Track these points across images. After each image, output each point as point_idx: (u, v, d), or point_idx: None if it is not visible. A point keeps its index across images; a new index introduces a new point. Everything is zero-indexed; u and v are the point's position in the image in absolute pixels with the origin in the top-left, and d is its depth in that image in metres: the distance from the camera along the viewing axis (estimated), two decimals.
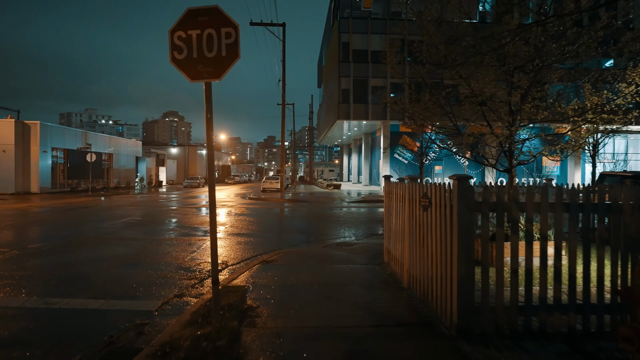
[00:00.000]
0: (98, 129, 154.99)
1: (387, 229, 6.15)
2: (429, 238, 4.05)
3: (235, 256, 7.54)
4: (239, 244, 8.88)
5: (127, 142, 41.65)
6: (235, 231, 10.68)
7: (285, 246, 8.65)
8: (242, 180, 71.88)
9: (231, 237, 9.68)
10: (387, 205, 6.10)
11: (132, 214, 15.09)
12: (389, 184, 5.96)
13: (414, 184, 4.59)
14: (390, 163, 33.47)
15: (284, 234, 10.54)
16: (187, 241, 9.11)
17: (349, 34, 32.84)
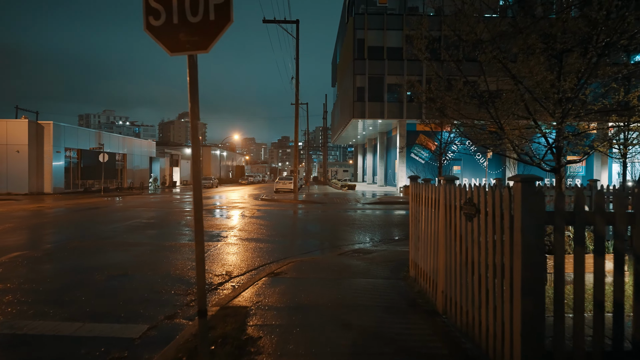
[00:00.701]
0: (115, 130, 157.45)
1: (413, 237, 5.28)
2: (475, 255, 3.19)
3: (241, 265, 6.77)
4: (247, 250, 8.11)
5: (140, 143, 41.55)
6: (244, 235, 9.93)
7: (297, 254, 7.85)
8: (256, 180, 71.56)
9: (239, 243, 8.93)
10: (414, 211, 5.24)
11: (140, 215, 14.52)
12: (417, 186, 5.10)
13: (452, 186, 3.73)
14: (406, 163, 32.43)
15: (296, 239, 9.74)
16: (191, 247, 8.39)
17: (364, 31, 31.93)
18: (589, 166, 34.51)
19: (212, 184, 46.08)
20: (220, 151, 70.05)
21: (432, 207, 4.34)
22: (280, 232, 10.74)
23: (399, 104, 32.01)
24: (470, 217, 3.19)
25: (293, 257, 7.40)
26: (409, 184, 30.54)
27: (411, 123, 33.16)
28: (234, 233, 10.30)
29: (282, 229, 11.39)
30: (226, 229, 10.97)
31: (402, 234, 10.55)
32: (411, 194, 5.36)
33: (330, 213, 16.20)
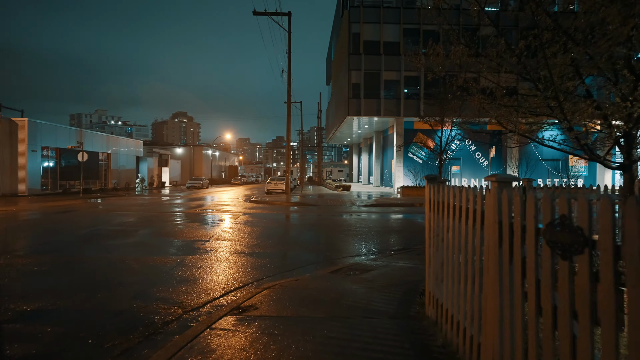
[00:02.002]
0: (107, 129, 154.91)
1: (432, 261, 3.84)
2: (584, 325, 1.73)
3: (202, 292, 5.28)
4: (219, 268, 6.62)
5: (127, 142, 39.82)
6: (221, 247, 8.43)
7: (281, 271, 6.39)
8: (249, 181, 69.97)
9: (213, 257, 7.43)
10: (433, 224, 3.80)
11: (109, 221, 12.96)
12: (438, 190, 3.65)
13: (513, 193, 2.27)
14: (404, 163, 31.06)
15: (283, 251, 8.26)
16: (153, 264, 6.89)
17: (359, 24, 30.52)
18: (592, 167, 33.35)
19: (202, 185, 44.45)
20: (212, 151, 68.33)
21: (469, 222, 2.89)
22: (265, 241, 9.25)
23: (396, 100, 30.62)
24: (567, 252, 1.73)
25: (275, 278, 5.93)
26: (406, 185, 29.24)
27: (408, 121, 31.80)
28: (211, 244, 8.79)
29: (269, 237, 9.90)
30: (203, 239, 9.46)
31: (403, 243, 9.11)
32: (429, 200, 3.92)
33: (323, 217, 14.74)
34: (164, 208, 17.86)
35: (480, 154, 32.97)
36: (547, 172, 33.01)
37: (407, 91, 31.12)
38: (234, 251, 7.98)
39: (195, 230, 10.91)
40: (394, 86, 31.00)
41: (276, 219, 14.10)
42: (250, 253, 7.82)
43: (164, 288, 5.36)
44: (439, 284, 3.59)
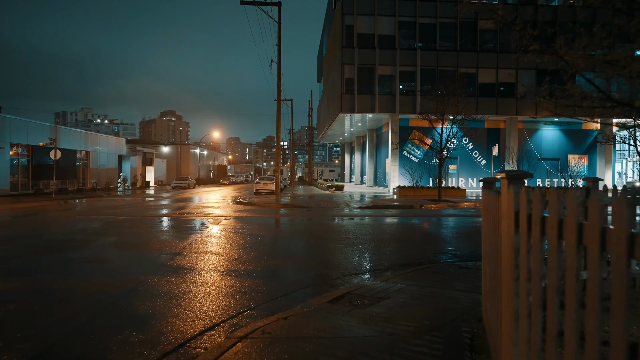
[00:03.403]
0: (94, 128, 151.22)
1: (508, 304, 2.34)
2: None
3: (142, 347, 3.72)
4: (179, 299, 5.06)
5: (107, 139, 37.83)
6: (191, 263, 6.87)
7: (264, 302, 4.86)
8: (238, 180, 68.08)
9: (176, 279, 5.87)
10: (505, 247, 2.31)
11: (68, 227, 11.29)
12: (516, 194, 2.16)
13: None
14: (399, 162, 29.69)
15: (269, 268, 6.72)
16: (95, 291, 5.31)
17: (353, 16, 29.05)
18: (592, 165, 32.43)
19: (188, 185, 42.57)
20: (200, 150, 66.35)
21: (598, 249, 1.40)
22: (249, 254, 7.70)
23: (392, 96, 29.23)
24: None
25: (257, 312, 4.41)
26: (403, 185, 27.86)
27: (404, 118, 30.45)
28: (182, 259, 7.22)
29: (253, 248, 8.35)
30: (174, 251, 7.87)
31: (413, 255, 7.65)
32: (487, 209, 2.44)
33: (317, 222, 13.23)
34: (139, 211, 16.17)
35: (478, 153, 31.81)
36: (546, 172, 31.99)
37: (402, 87, 29.77)
38: (209, 269, 6.43)
39: (168, 239, 9.32)
40: (389, 81, 29.62)
41: (264, 224, 12.54)
42: (228, 272, 6.28)
43: (88, 336, 3.80)
44: (530, 347, 2.08)
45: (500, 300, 2.36)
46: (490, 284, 2.92)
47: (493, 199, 2.83)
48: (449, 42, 29.96)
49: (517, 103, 30.02)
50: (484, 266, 3.52)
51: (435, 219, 14.18)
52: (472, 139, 29.38)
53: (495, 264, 2.65)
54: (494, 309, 2.69)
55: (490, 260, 3.02)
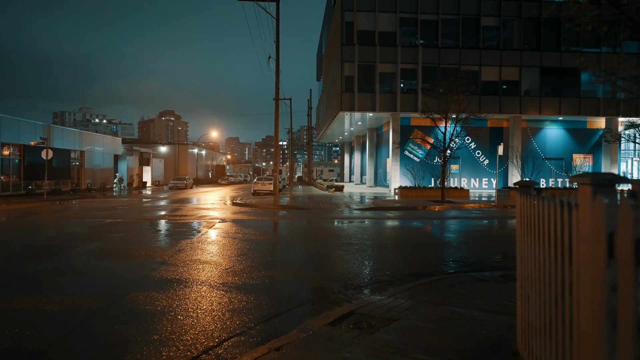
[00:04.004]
0: (92, 128, 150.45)
1: None
2: None
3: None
4: (158, 320, 4.39)
5: (103, 139, 37.12)
6: (177, 274, 6.20)
7: (256, 324, 4.19)
8: (237, 180, 67.42)
9: (158, 295, 5.19)
10: (587, 283, 1.64)
11: (51, 231, 10.61)
12: (610, 208, 1.48)
13: None
14: (400, 161, 29.03)
15: (262, 280, 6.05)
16: (59, 312, 4.64)
17: (353, 13, 28.38)
18: (597, 165, 31.79)
19: (185, 185, 41.89)
20: (198, 150, 65.61)
21: None
22: (241, 263, 7.03)
23: (392, 95, 28.57)
24: None
25: (246, 339, 3.74)
26: (404, 185, 27.20)
27: (405, 117, 29.80)
28: (166, 269, 6.55)
29: (247, 256, 7.68)
30: (159, 259, 7.20)
31: (421, 264, 6.99)
32: (533, 220, 1.76)
33: (316, 225, 12.57)
34: (131, 213, 15.48)
35: (481, 152, 31.17)
36: (550, 172, 31.36)
37: (403, 85, 29.11)
38: (196, 281, 5.76)
39: (156, 245, 8.64)
40: (389, 79, 28.96)
41: (260, 227, 11.86)
42: (217, 285, 5.60)
43: None
44: None
45: (573, 353, 1.69)
46: (541, 318, 2.25)
47: (543, 209, 2.16)
48: (451, 39, 29.30)
49: (520, 101, 29.38)
50: (524, 289, 2.85)
51: (440, 222, 13.52)
52: (475, 139, 28.73)
53: (554, 296, 1.98)
54: (552, 357, 2.02)
55: (537, 286, 2.35)
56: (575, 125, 31.78)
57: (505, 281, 5.67)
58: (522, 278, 2.87)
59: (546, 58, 29.41)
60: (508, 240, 9.93)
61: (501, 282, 5.66)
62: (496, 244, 9.48)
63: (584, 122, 31.73)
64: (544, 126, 31.68)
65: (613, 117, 30.15)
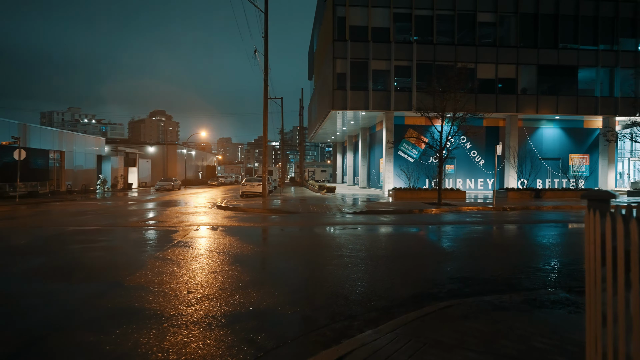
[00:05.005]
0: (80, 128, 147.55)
1: None
2: None
3: None
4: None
5: (85, 139, 35.63)
6: (125, 304, 5.04)
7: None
8: (228, 181, 66.06)
9: (89, 339, 4.04)
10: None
11: None
12: None
13: None
14: (394, 162, 28.03)
15: (230, 312, 4.92)
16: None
17: (345, 7, 27.32)
18: (594, 164, 31.09)
19: (173, 186, 40.55)
20: (187, 150, 64.09)
21: None
22: (206, 287, 5.89)
23: (386, 93, 27.56)
24: None
25: None
26: (398, 187, 26.19)
27: (399, 116, 28.82)
28: (112, 298, 5.38)
29: (215, 276, 6.53)
30: (109, 282, 6.03)
31: (423, 283, 5.91)
32: None
33: (307, 233, 11.46)
34: (103, 219, 14.21)
35: (477, 152, 30.30)
36: (547, 172, 30.59)
37: (397, 83, 28.12)
38: (147, 315, 4.60)
39: (114, 260, 7.46)
40: (383, 77, 27.94)
41: (241, 236, 10.70)
42: (174, 320, 4.45)
43: None
44: None
45: None
46: None
47: None
48: (446, 35, 28.38)
49: (517, 100, 28.55)
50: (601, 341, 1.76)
51: (439, 228, 12.48)
52: (470, 138, 27.86)
53: None
54: None
55: None
56: (572, 124, 31.07)
57: (530, 310, 4.61)
58: (590, 322, 1.79)
59: (543, 55, 28.62)
60: (516, 250, 8.92)
61: (525, 310, 4.59)
62: (505, 254, 8.44)
63: (581, 121, 31.03)
64: (540, 125, 30.91)
65: (610, 117, 29.46)
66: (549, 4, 28.57)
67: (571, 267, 7.17)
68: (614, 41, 29.20)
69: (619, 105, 29.12)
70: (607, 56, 29.05)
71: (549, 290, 5.59)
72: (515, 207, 18.07)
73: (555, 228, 12.47)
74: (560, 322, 4.20)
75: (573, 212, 17.32)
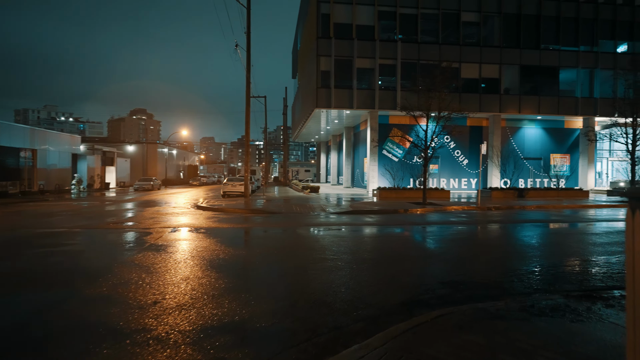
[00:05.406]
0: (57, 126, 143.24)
1: None
2: None
3: None
4: None
5: (59, 137, 34.25)
6: (79, 316, 4.48)
7: None
8: (210, 181, 64.92)
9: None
10: None
11: None
12: None
13: None
14: (379, 161, 27.78)
15: (201, 324, 4.41)
16: None
17: (330, 4, 26.91)
18: (574, 164, 31.51)
19: (152, 186, 39.45)
20: (168, 149, 62.67)
21: None
22: (173, 297, 5.36)
23: (371, 91, 27.27)
24: None
25: None
26: (383, 186, 25.90)
27: (383, 115, 28.58)
28: (67, 306, 4.81)
29: (186, 283, 6.00)
30: (66, 289, 5.43)
31: (411, 282, 5.51)
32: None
33: (290, 235, 10.98)
34: (72, 220, 13.41)
35: (460, 152, 30.33)
36: (529, 172, 30.85)
37: (381, 82, 27.86)
38: (106, 329, 4.06)
39: (71, 268, 6.84)
40: (367, 75, 27.65)
41: (219, 238, 10.15)
42: (129, 339, 3.93)
43: None
44: None
45: None
46: None
47: None
48: (430, 34, 28.27)
49: (501, 99, 28.67)
50: None
51: (425, 228, 12.17)
52: (454, 138, 27.83)
53: None
54: None
55: None
56: (553, 124, 31.42)
57: (529, 318, 4.25)
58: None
59: (526, 56, 28.82)
60: (505, 251, 8.64)
61: (524, 319, 4.23)
62: (494, 256, 8.14)
63: (562, 121, 31.42)
64: (522, 125, 31.16)
65: (590, 117, 29.89)
66: (531, 5, 28.78)
67: (562, 268, 6.91)
68: (593, 42, 29.64)
69: (598, 105, 29.57)
70: (587, 57, 29.46)
71: (545, 295, 5.27)
72: (499, 207, 17.97)
73: (541, 228, 12.32)
74: (563, 333, 3.85)
75: (556, 211, 17.32)
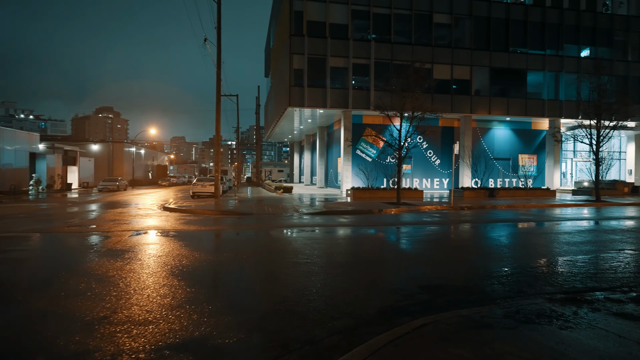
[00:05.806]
0: (16, 124, 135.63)
1: None
2: None
3: None
4: None
5: (14, 134, 32.19)
6: (24, 333, 3.86)
7: None
8: (180, 181, 63.00)
9: None
10: None
11: None
12: None
13: None
14: (352, 161, 27.56)
15: (155, 343, 3.89)
16: None
17: (303, 2, 26.46)
18: (541, 164, 32.43)
19: (118, 187, 37.71)
20: (136, 148, 60.40)
21: None
22: (134, 308, 4.79)
23: (344, 91, 27.03)
24: None
25: None
26: (357, 186, 25.68)
27: (357, 115, 28.41)
28: (6, 324, 4.16)
29: (150, 290, 5.42)
30: (8, 305, 4.76)
31: (388, 287, 5.17)
32: None
33: (261, 238, 10.46)
34: (25, 224, 12.35)
35: (432, 152, 30.59)
36: (498, 172, 31.48)
37: (355, 82, 27.67)
38: (41, 353, 3.47)
39: (10, 279, 6.11)
40: (341, 74, 27.38)
41: (186, 242, 9.52)
42: (70, 358, 3.36)
43: None
44: None
45: None
46: None
47: None
48: (403, 35, 28.34)
49: (471, 101, 29.09)
50: None
51: (400, 229, 11.94)
52: (427, 138, 27.97)
53: None
54: None
55: None
56: (521, 125, 32.22)
57: (516, 326, 3.97)
58: None
59: (495, 58, 29.39)
60: (482, 252, 8.46)
61: (511, 327, 3.95)
62: (471, 257, 7.95)
63: (529, 123, 32.26)
64: (492, 126, 31.79)
65: (556, 119, 30.83)
66: (500, 9, 29.39)
67: (540, 269, 6.77)
68: (559, 47, 30.59)
69: (564, 108, 30.54)
70: (553, 61, 30.38)
71: (529, 299, 5.04)
72: (472, 206, 18.08)
73: (514, 227, 12.35)
74: (554, 343, 3.57)
75: (526, 210, 17.58)
